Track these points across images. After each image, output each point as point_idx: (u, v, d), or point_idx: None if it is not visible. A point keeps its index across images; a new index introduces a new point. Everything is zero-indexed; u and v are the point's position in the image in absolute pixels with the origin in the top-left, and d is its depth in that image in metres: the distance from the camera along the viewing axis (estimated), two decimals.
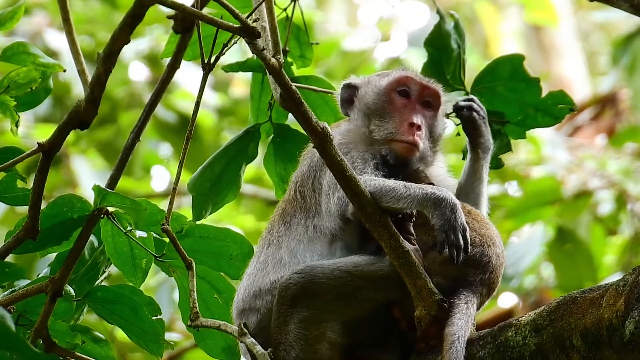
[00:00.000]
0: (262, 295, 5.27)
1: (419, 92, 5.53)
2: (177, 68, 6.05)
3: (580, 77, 16.47)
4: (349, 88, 5.63)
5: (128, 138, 5.92)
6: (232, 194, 5.98)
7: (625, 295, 4.79)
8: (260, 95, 6.18)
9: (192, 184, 5.93)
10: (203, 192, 5.92)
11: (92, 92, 5.24)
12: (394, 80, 5.54)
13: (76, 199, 5.28)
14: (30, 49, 5.42)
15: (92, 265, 5.46)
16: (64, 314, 5.38)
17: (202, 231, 5.53)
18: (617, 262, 11.94)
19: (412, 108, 5.48)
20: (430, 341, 5.10)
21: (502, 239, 5.38)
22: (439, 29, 5.90)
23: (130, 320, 5.37)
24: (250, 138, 5.99)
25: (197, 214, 5.89)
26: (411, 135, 5.40)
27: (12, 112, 5.42)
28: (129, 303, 5.36)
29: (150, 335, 5.35)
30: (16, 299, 5.32)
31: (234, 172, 5.94)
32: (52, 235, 5.29)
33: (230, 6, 4.88)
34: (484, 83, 5.87)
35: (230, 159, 5.96)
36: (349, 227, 5.28)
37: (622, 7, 5.87)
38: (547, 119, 5.83)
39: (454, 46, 5.87)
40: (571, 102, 5.80)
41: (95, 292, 5.41)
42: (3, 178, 5.37)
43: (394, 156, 5.40)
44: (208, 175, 5.94)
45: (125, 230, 5.38)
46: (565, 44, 16.71)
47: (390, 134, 5.43)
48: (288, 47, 6.19)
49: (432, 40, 5.91)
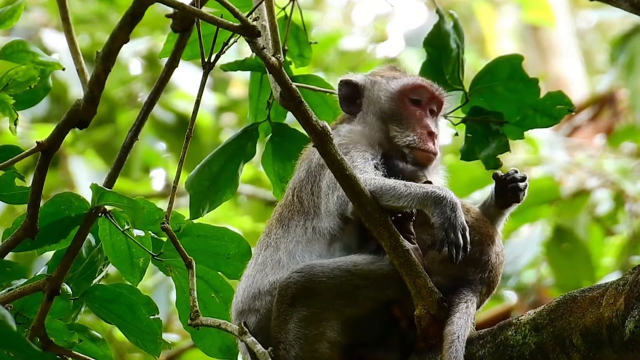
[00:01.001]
0: (261, 296, 5.28)
1: (428, 100, 5.61)
2: (176, 67, 6.04)
3: (577, 76, 16.47)
4: (349, 85, 5.63)
5: (126, 137, 5.91)
6: (230, 192, 5.98)
7: (625, 294, 4.78)
8: (259, 95, 6.18)
9: (189, 183, 5.93)
10: (201, 191, 5.92)
11: (91, 91, 5.23)
12: (407, 87, 5.59)
13: (74, 197, 5.28)
14: (29, 47, 5.42)
15: (89, 263, 5.46)
16: (61, 312, 5.38)
17: (200, 230, 5.53)
18: (616, 262, 11.94)
19: (425, 115, 5.57)
20: (430, 340, 5.10)
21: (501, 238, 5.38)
22: (438, 29, 5.90)
23: (128, 319, 5.36)
24: (248, 137, 5.99)
25: (194, 212, 5.89)
26: (432, 144, 5.51)
27: (10, 111, 5.41)
28: (127, 302, 5.35)
29: (147, 335, 5.35)
30: (13, 297, 5.31)
31: (232, 170, 5.94)
32: (50, 233, 5.29)
33: (231, 5, 4.88)
34: (482, 83, 5.87)
35: (228, 157, 5.96)
36: (348, 228, 5.29)
37: (622, 7, 5.86)
38: (545, 120, 5.83)
39: (453, 46, 5.87)
40: (570, 103, 5.80)
41: (92, 291, 5.41)
42: (1, 177, 5.37)
43: (413, 162, 5.45)
44: (206, 174, 5.94)
45: (123, 228, 5.38)
46: (562, 43, 16.71)
47: (412, 141, 5.51)
48: (287, 47, 6.18)
49: (431, 40, 5.91)
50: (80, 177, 12.50)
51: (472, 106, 5.89)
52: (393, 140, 5.51)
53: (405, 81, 5.60)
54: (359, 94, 5.62)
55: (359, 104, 5.62)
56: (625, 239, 11.90)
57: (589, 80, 17.23)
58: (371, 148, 5.43)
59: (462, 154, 5.90)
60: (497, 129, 5.86)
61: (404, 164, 5.45)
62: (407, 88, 5.58)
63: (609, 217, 11.93)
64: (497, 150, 5.86)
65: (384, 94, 5.58)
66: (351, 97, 5.63)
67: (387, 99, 5.57)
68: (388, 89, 5.58)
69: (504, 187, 5.41)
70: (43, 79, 5.43)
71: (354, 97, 5.62)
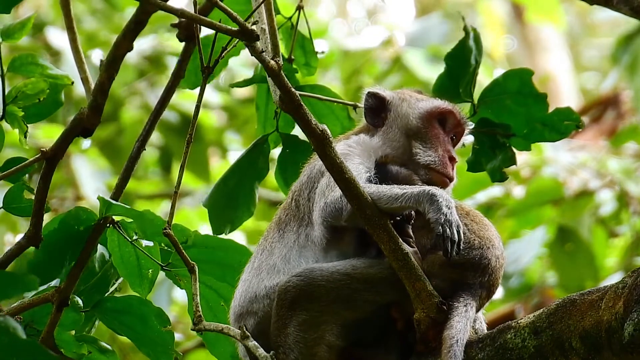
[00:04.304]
0: (258, 299, 5.30)
1: (453, 127, 5.63)
2: (182, 77, 6.04)
3: (564, 72, 16.43)
4: (376, 98, 5.65)
5: (133, 147, 5.91)
6: (248, 210, 6.04)
7: (625, 297, 4.79)
8: (267, 105, 6.18)
9: (207, 201, 6.00)
10: (218, 207, 5.95)
11: (95, 99, 5.24)
12: (437, 110, 5.61)
13: (82, 211, 5.29)
14: (38, 60, 5.42)
15: (102, 277, 5.47)
16: (72, 324, 5.39)
17: (206, 242, 5.56)
18: (619, 262, 11.95)
19: (447, 140, 5.59)
20: (430, 343, 5.11)
21: (503, 238, 5.38)
22: (462, 46, 5.92)
23: (140, 330, 5.39)
24: (259, 151, 6.01)
25: (215, 228, 5.94)
26: (450, 170, 5.52)
27: (20, 123, 5.42)
28: (138, 313, 5.37)
29: (159, 346, 5.36)
30: (23, 308, 5.33)
31: (247, 187, 5.98)
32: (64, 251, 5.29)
33: (229, 9, 4.87)
34: (491, 95, 5.89)
35: (243, 174, 6.00)
36: (345, 237, 5.30)
37: (622, 11, 5.87)
38: (553, 135, 5.84)
39: (472, 62, 5.90)
40: (578, 119, 5.81)
41: (104, 302, 5.43)
42: (11, 188, 5.38)
43: (429, 182, 5.45)
44: (222, 191, 5.99)
45: (131, 239, 5.39)
46: (549, 39, 16.67)
47: (433, 162, 5.51)
48: (293, 56, 6.18)
49: (454, 55, 5.94)
50: (84, 175, 12.50)
51: (480, 118, 5.90)
52: (414, 157, 5.52)
53: (437, 104, 5.62)
54: (385, 108, 5.64)
55: (383, 118, 5.64)
56: (629, 240, 11.91)
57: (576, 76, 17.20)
58: (368, 161, 5.45)
59: (468, 165, 5.91)
60: (504, 141, 5.87)
61: (398, 169, 5.46)
62: (437, 111, 5.60)
63: (613, 217, 11.93)
64: (503, 163, 5.87)
65: (413, 111, 5.60)
66: (376, 109, 5.65)
67: (416, 116, 5.59)
68: (418, 107, 5.61)
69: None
70: (55, 94, 5.44)
71: (379, 110, 5.64)
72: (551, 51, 16.51)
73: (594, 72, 20.96)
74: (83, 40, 12.24)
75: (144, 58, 12.76)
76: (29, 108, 5.38)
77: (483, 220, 5.36)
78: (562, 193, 11.69)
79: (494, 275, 5.22)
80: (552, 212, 11.71)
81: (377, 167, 5.43)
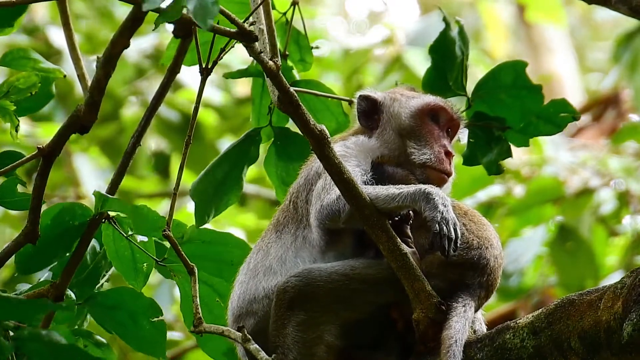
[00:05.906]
0: (256, 301, 5.30)
1: (446, 121, 5.62)
2: (178, 73, 6.04)
3: (570, 73, 16.42)
4: (368, 100, 5.64)
5: (129, 143, 5.91)
6: (234, 196, 5.99)
7: (623, 297, 4.80)
8: (262, 99, 6.17)
9: (194, 191, 5.93)
10: (205, 198, 5.92)
11: (91, 96, 5.24)
12: (428, 106, 5.61)
13: (77, 206, 5.30)
14: (30, 54, 5.43)
15: (93, 269, 5.47)
16: (65, 319, 5.39)
17: (204, 236, 5.55)
18: (620, 261, 11.93)
19: (442, 135, 5.58)
20: (429, 343, 5.11)
21: (504, 237, 5.37)
22: (444, 37, 5.89)
23: (129, 327, 5.39)
24: (251, 142, 5.99)
25: (199, 219, 5.90)
26: (447, 165, 5.51)
27: (11, 117, 5.43)
28: (128, 309, 5.36)
29: (149, 343, 5.35)
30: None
31: (235, 175, 5.94)
32: (57, 245, 5.29)
33: (226, 11, 4.87)
34: (485, 88, 5.87)
35: (232, 163, 5.95)
36: (342, 239, 5.30)
37: (621, 10, 5.86)
38: (549, 127, 5.83)
39: (458, 53, 5.87)
40: (574, 110, 5.79)
41: (95, 297, 5.42)
42: (3, 183, 5.38)
43: (426, 181, 5.44)
44: (210, 180, 5.94)
45: (127, 234, 5.39)
46: (554, 40, 16.65)
47: (429, 160, 5.51)
48: (288, 52, 6.18)
49: (437, 47, 5.91)
50: (85, 174, 12.51)
51: (474, 111, 5.89)
52: (410, 157, 5.52)
53: (427, 100, 5.62)
54: (378, 110, 5.63)
55: (376, 120, 5.63)
56: (629, 238, 11.89)
57: (581, 78, 17.18)
58: (365, 163, 5.44)
59: (464, 159, 5.89)
60: (500, 134, 5.86)
61: (395, 169, 5.46)
62: (428, 107, 5.60)
63: (613, 216, 11.92)
64: (499, 156, 5.86)
65: (404, 110, 5.60)
66: (369, 112, 5.64)
67: (407, 115, 5.58)
68: (409, 106, 5.60)
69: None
70: (46, 86, 5.44)
71: (372, 113, 5.64)
72: (556, 52, 16.49)
73: (600, 74, 20.97)
74: (83, 40, 12.29)
75: (145, 57, 12.75)
76: (20, 102, 5.37)
77: (481, 220, 5.36)
78: (562, 192, 11.68)
79: (492, 275, 5.23)
80: (553, 210, 11.69)
81: (374, 168, 5.43)
